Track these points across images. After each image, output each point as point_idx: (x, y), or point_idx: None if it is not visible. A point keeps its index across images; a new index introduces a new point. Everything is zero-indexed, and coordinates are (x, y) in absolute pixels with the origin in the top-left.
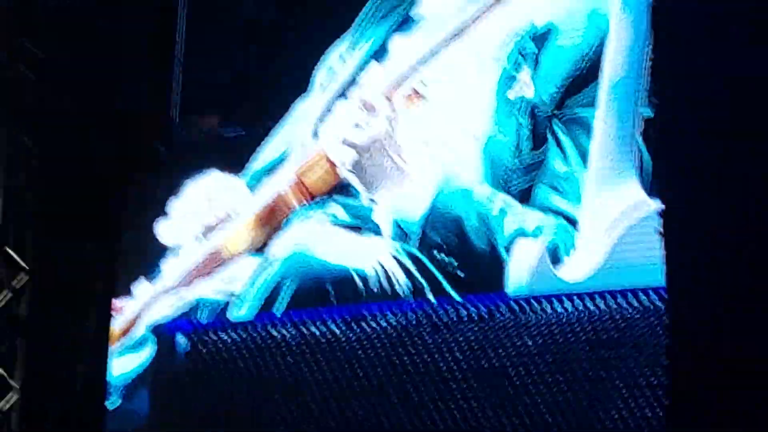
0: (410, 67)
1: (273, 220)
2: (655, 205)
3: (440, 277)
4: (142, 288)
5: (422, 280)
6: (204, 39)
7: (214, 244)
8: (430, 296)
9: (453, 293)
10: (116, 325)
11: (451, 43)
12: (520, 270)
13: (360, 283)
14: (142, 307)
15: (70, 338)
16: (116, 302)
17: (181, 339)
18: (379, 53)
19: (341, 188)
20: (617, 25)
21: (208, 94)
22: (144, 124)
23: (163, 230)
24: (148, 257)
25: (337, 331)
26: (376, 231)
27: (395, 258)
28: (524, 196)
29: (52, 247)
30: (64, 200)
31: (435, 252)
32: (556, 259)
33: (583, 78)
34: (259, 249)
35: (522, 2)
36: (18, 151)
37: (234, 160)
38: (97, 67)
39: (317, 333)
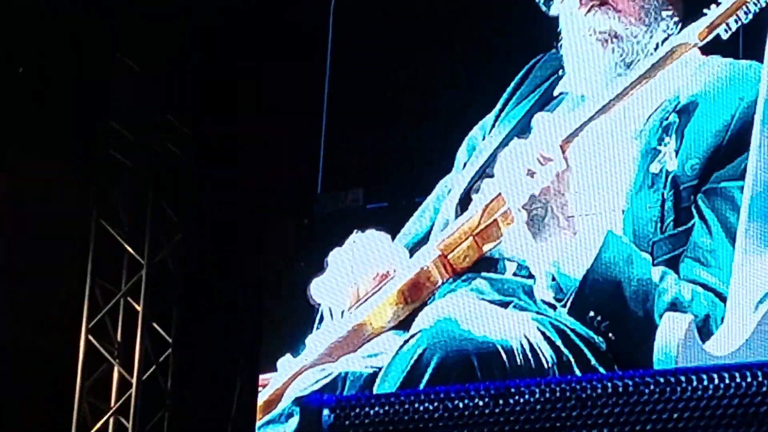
0: (567, 135)
1: (417, 295)
2: None
3: (587, 351)
4: (286, 362)
5: (568, 354)
6: (348, 114)
7: (358, 318)
8: (576, 370)
9: (599, 367)
10: (261, 398)
11: (597, 118)
12: (668, 343)
13: (505, 357)
14: (287, 381)
15: (215, 413)
16: (261, 377)
17: (325, 412)
18: (523, 131)
19: (485, 263)
20: (765, 93)
21: (352, 168)
22: (289, 196)
23: (318, 288)
24: (293, 331)
25: (482, 405)
26: (522, 307)
27: (541, 331)
28: (669, 268)
29: (197, 322)
30: (208, 274)
31: (590, 312)
32: (702, 332)
33: (727, 149)
34: (403, 323)
35: (668, 77)
36: (162, 225)
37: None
38: (243, 143)
39: (461, 406)
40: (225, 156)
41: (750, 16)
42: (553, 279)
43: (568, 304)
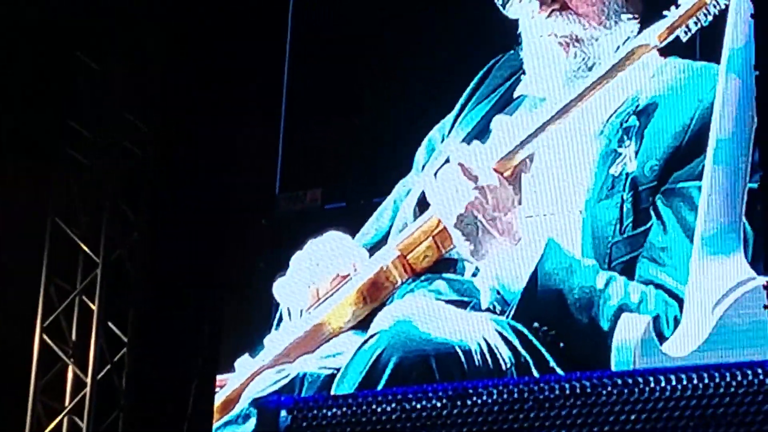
0: (515, 145)
1: (376, 295)
2: (762, 280)
3: (545, 352)
4: (243, 362)
5: (527, 355)
6: (306, 114)
7: (317, 318)
8: (535, 372)
9: (558, 368)
10: (218, 399)
11: (556, 120)
12: (625, 345)
13: (463, 358)
14: (244, 382)
15: (171, 413)
16: (219, 377)
17: (282, 414)
18: (482, 133)
19: (444, 264)
20: (722, 97)
21: (311, 168)
22: (248, 197)
23: (280, 288)
24: (251, 331)
25: (440, 406)
26: (480, 308)
27: (499, 332)
28: (627, 270)
29: (154, 322)
30: (166, 274)
31: (534, 323)
32: (659, 333)
33: (686, 150)
34: (362, 323)
35: (627, 79)
36: (119, 224)
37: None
38: (204, 143)
39: (419, 407)
40: (185, 156)
41: (710, 18)
42: (498, 293)
43: (510, 316)
